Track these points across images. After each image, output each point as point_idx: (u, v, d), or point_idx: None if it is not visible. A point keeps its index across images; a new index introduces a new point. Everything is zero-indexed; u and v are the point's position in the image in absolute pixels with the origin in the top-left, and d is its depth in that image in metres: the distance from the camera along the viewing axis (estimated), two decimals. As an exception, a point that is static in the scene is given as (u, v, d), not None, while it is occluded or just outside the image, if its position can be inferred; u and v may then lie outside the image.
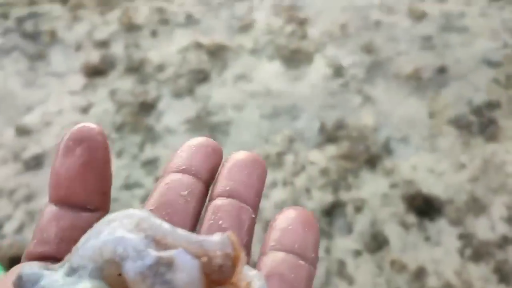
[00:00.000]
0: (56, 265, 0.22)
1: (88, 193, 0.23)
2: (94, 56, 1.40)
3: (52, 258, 0.23)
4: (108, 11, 1.53)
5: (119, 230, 0.21)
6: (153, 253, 0.20)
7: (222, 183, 0.27)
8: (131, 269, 0.20)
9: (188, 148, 0.27)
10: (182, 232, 0.21)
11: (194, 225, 0.25)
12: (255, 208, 0.26)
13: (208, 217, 0.25)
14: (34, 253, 0.23)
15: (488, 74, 1.32)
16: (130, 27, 1.48)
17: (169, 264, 0.20)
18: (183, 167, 0.26)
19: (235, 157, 0.28)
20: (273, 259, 0.24)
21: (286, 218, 0.25)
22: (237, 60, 1.38)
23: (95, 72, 1.36)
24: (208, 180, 0.27)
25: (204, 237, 0.21)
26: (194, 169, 0.26)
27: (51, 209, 0.24)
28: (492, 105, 1.25)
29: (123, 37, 1.46)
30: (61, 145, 0.24)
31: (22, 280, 0.21)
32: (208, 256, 0.20)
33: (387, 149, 1.16)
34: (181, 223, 0.25)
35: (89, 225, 0.22)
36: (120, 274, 0.20)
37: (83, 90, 1.33)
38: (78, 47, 1.44)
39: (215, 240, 0.20)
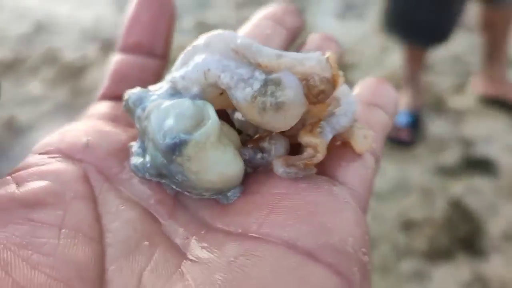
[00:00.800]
0: (156, 86, 0.23)
1: (157, 38, 0.27)
2: None
3: None
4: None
5: (219, 56, 0.21)
6: (260, 76, 0.21)
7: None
8: (241, 96, 0.21)
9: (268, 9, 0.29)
10: (281, 53, 0.21)
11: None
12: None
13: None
14: (108, 95, 0.26)
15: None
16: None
17: (277, 83, 0.20)
18: (269, 16, 0.28)
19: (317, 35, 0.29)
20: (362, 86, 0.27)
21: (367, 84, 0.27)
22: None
23: None
24: (294, 33, 0.28)
25: (303, 55, 0.21)
26: (279, 18, 0.28)
27: (121, 56, 0.27)
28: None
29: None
30: (135, 1, 0.27)
31: (129, 102, 0.23)
32: (307, 82, 0.21)
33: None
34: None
35: (157, 71, 0.26)
36: (222, 93, 0.22)
37: None
38: None
39: (314, 62, 0.21)
